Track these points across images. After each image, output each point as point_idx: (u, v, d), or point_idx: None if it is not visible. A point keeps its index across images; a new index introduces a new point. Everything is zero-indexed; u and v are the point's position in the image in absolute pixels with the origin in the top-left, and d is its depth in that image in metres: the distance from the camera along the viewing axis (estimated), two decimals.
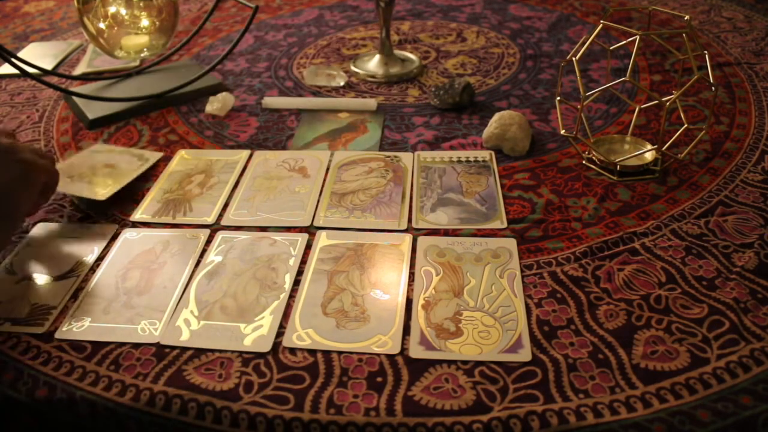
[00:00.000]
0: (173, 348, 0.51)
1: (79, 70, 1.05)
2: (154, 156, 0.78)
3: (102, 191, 0.69)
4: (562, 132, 0.74)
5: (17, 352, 0.52)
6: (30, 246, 0.64)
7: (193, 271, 0.59)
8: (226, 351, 0.51)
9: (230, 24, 1.22)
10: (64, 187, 0.70)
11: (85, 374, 0.49)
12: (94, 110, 0.87)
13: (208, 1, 1.35)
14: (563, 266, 0.58)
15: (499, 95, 0.91)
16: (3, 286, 0.59)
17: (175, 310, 0.55)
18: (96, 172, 0.73)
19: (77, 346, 0.52)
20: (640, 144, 0.75)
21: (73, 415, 0.47)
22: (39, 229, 0.66)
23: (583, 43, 0.70)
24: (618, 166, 0.69)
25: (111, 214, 0.68)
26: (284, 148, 0.80)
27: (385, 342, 0.51)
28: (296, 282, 0.57)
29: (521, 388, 0.46)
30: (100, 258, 0.62)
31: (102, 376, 0.49)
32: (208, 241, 0.63)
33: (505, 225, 0.64)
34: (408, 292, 0.56)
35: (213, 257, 0.61)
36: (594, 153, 0.72)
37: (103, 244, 0.63)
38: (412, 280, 0.57)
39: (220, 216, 0.67)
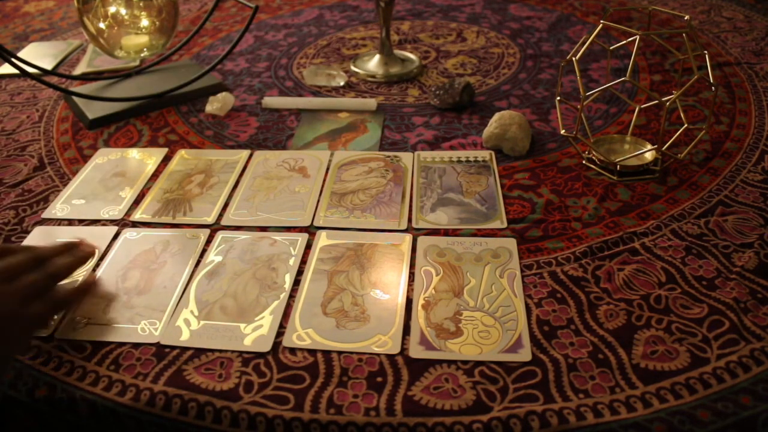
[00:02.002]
0: (173, 348, 0.51)
1: (79, 70, 1.05)
2: (159, 152, 0.79)
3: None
4: (562, 132, 0.74)
5: None
6: None
7: (193, 271, 0.59)
8: (226, 351, 0.51)
9: (230, 24, 1.22)
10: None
11: (85, 374, 0.49)
12: (94, 110, 0.87)
13: (208, 1, 1.35)
14: (563, 266, 0.58)
15: (499, 95, 0.91)
16: None
17: (175, 310, 0.55)
18: (108, 185, 0.73)
19: (77, 346, 0.52)
20: (640, 144, 0.75)
21: (73, 415, 0.47)
22: (39, 232, 0.66)
23: (583, 43, 0.70)
24: (618, 166, 0.69)
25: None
26: (284, 148, 0.80)
27: (385, 342, 0.51)
28: (296, 282, 0.57)
29: (521, 388, 0.46)
30: (101, 258, 0.62)
31: (102, 376, 0.49)
32: (208, 241, 0.63)
33: (505, 225, 0.64)
34: (408, 292, 0.56)
35: (213, 257, 0.61)
36: (594, 153, 0.72)
37: (104, 245, 0.63)
38: (412, 280, 0.57)
39: (220, 216, 0.67)
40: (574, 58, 0.69)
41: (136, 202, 0.70)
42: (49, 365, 0.50)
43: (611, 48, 0.75)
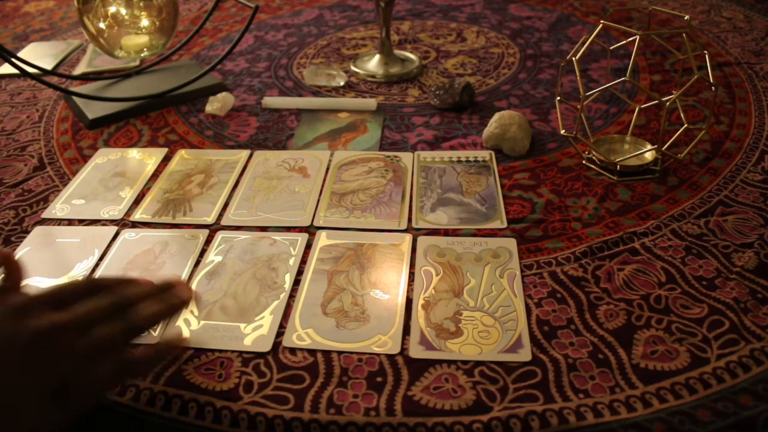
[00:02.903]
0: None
1: (79, 70, 1.05)
2: (159, 152, 0.79)
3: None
4: (562, 132, 0.74)
5: None
6: (30, 249, 0.64)
7: (192, 272, 0.59)
8: (226, 351, 0.51)
9: (230, 24, 1.22)
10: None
11: None
12: (94, 110, 0.87)
13: (208, 1, 1.35)
14: (563, 266, 0.58)
15: (499, 95, 0.91)
16: None
17: None
18: (108, 185, 0.73)
19: None
20: (640, 144, 0.75)
21: None
22: (39, 232, 0.66)
23: (583, 43, 0.70)
24: (618, 166, 0.69)
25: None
26: (284, 148, 0.80)
27: (385, 342, 0.51)
28: (296, 282, 0.57)
29: (521, 388, 0.46)
30: (100, 259, 0.62)
31: None
32: (208, 241, 0.63)
33: (505, 225, 0.64)
34: (408, 292, 0.56)
35: (213, 257, 0.61)
36: (594, 153, 0.72)
37: (104, 245, 0.63)
38: (412, 280, 0.57)
39: (220, 216, 0.67)
40: (574, 58, 0.69)
41: (136, 202, 0.70)
42: None
43: (611, 48, 0.75)
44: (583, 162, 0.73)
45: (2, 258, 0.47)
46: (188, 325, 0.53)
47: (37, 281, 0.59)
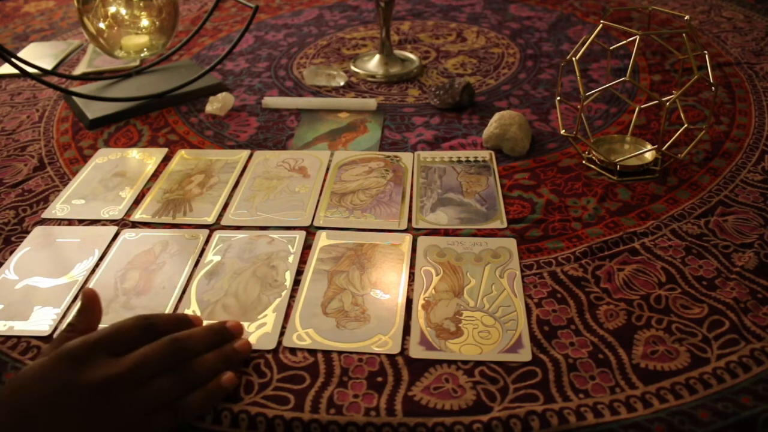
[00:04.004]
0: None
1: (79, 70, 1.05)
2: (159, 152, 0.79)
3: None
4: (562, 132, 0.74)
5: (17, 352, 0.52)
6: (30, 249, 0.64)
7: (192, 271, 0.59)
8: None
9: (230, 24, 1.22)
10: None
11: None
12: (94, 110, 0.87)
13: (208, 1, 1.35)
14: (563, 266, 0.58)
15: (499, 95, 0.91)
16: (5, 289, 0.59)
17: (176, 310, 0.55)
18: (108, 185, 0.73)
19: None
20: (640, 144, 0.75)
21: None
22: (39, 232, 0.66)
23: (583, 43, 0.70)
24: (618, 166, 0.69)
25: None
26: (284, 148, 0.80)
27: (385, 342, 0.51)
28: (296, 282, 0.57)
29: (521, 388, 0.46)
30: (100, 258, 0.62)
31: None
32: (207, 241, 0.63)
33: (505, 225, 0.64)
34: (408, 292, 0.56)
35: (212, 257, 0.61)
36: (594, 153, 0.72)
37: (104, 246, 0.63)
38: (412, 280, 0.57)
39: (220, 216, 0.67)
40: (574, 58, 0.69)
41: (136, 202, 0.70)
42: None
43: (611, 48, 0.76)
44: (583, 162, 0.73)
45: (86, 297, 0.48)
46: None
47: (37, 281, 0.59)
